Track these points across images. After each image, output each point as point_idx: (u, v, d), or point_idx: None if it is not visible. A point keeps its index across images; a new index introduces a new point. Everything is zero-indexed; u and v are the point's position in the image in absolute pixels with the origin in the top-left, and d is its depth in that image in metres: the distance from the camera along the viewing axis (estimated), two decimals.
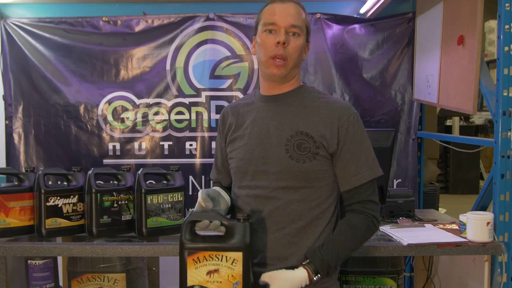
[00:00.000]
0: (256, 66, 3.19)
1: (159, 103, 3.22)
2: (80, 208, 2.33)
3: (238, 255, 1.51)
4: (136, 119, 3.22)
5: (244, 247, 1.50)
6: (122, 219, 2.33)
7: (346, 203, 1.65)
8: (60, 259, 2.70)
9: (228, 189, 1.80)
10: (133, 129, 3.23)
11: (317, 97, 1.66)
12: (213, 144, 3.22)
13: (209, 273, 1.50)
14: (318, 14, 3.17)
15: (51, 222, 2.27)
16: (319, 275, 1.53)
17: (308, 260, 1.55)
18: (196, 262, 1.51)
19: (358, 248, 1.66)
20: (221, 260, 1.51)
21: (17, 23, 3.16)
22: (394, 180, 3.23)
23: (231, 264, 1.51)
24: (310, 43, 1.70)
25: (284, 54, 1.59)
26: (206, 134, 3.23)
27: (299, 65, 1.67)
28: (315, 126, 1.60)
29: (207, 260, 1.51)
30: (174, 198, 2.33)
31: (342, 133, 1.59)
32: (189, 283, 1.50)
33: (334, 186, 1.65)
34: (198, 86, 3.22)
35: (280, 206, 1.60)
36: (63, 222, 2.30)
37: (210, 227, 1.52)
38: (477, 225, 2.14)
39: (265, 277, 1.55)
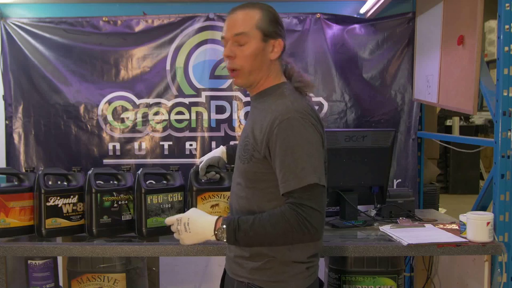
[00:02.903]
0: None
1: (159, 103, 3.21)
2: (80, 208, 2.34)
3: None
4: (136, 119, 3.22)
5: None
6: (122, 219, 2.33)
7: None
8: (60, 259, 2.70)
9: None
10: (133, 129, 3.23)
11: (274, 99, 1.62)
12: (213, 144, 3.22)
13: (212, 206, 2.24)
14: (318, 14, 3.17)
15: (51, 222, 2.27)
16: (224, 227, 1.54)
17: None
18: (203, 200, 2.29)
19: (278, 239, 1.53)
20: (220, 197, 2.29)
21: (17, 23, 3.16)
22: (394, 180, 3.23)
23: (226, 200, 2.27)
24: (279, 39, 1.64)
25: (232, 67, 1.64)
26: (206, 134, 3.23)
27: (262, 68, 1.64)
28: (256, 129, 1.60)
29: (211, 198, 2.29)
30: (174, 198, 2.33)
31: (272, 139, 1.54)
32: None
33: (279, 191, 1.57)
34: (198, 86, 3.22)
35: (236, 200, 1.70)
36: (63, 222, 2.30)
37: (208, 176, 2.27)
38: (477, 225, 2.14)
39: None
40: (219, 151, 2.31)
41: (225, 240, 1.56)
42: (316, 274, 1.70)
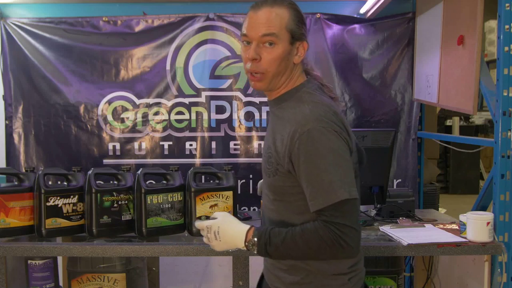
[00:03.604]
0: None
1: (159, 103, 3.21)
2: (80, 208, 2.34)
3: (230, 193, 2.34)
4: (136, 119, 3.22)
5: (233, 187, 2.35)
6: (122, 219, 2.33)
7: None
8: (60, 259, 2.70)
9: None
10: (133, 129, 3.23)
11: (293, 106, 1.51)
12: (213, 144, 3.23)
13: (211, 207, 2.27)
14: (318, 14, 3.17)
15: (51, 222, 2.27)
16: (255, 239, 1.47)
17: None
18: (202, 200, 2.29)
19: (311, 256, 1.46)
20: (219, 198, 2.32)
21: (17, 23, 3.16)
22: (394, 180, 3.23)
23: (225, 200, 2.32)
24: (304, 41, 1.55)
25: (257, 70, 1.51)
26: (206, 134, 3.23)
27: (285, 71, 1.53)
28: (278, 141, 1.50)
29: (209, 198, 2.30)
30: (174, 198, 2.33)
31: (295, 153, 1.44)
32: (197, 215, 2.25)
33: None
34: (198, 86, 3.22)
35: (266, 212, 1.63)
36: (63, 222, 2.30)
37: None
38: (477, 225, 2.14)
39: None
40: None
41: (255, 252, 1.49)
42: (361, 282, 1.58)
